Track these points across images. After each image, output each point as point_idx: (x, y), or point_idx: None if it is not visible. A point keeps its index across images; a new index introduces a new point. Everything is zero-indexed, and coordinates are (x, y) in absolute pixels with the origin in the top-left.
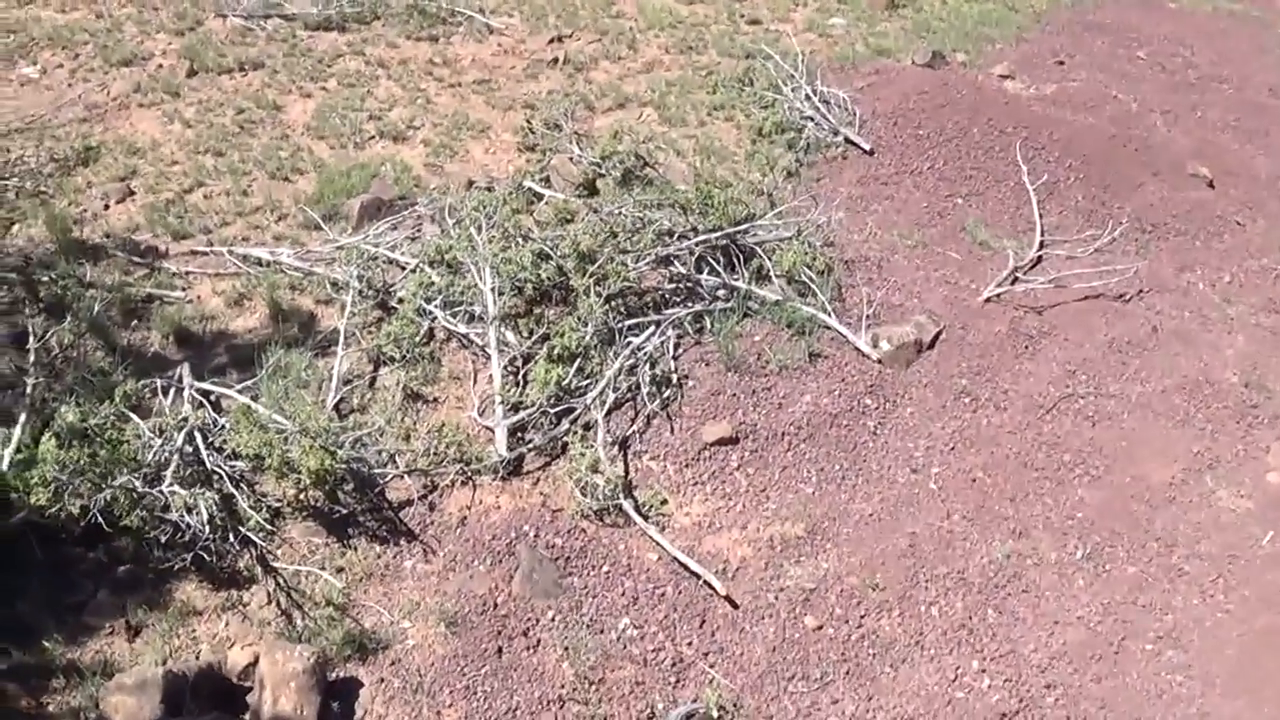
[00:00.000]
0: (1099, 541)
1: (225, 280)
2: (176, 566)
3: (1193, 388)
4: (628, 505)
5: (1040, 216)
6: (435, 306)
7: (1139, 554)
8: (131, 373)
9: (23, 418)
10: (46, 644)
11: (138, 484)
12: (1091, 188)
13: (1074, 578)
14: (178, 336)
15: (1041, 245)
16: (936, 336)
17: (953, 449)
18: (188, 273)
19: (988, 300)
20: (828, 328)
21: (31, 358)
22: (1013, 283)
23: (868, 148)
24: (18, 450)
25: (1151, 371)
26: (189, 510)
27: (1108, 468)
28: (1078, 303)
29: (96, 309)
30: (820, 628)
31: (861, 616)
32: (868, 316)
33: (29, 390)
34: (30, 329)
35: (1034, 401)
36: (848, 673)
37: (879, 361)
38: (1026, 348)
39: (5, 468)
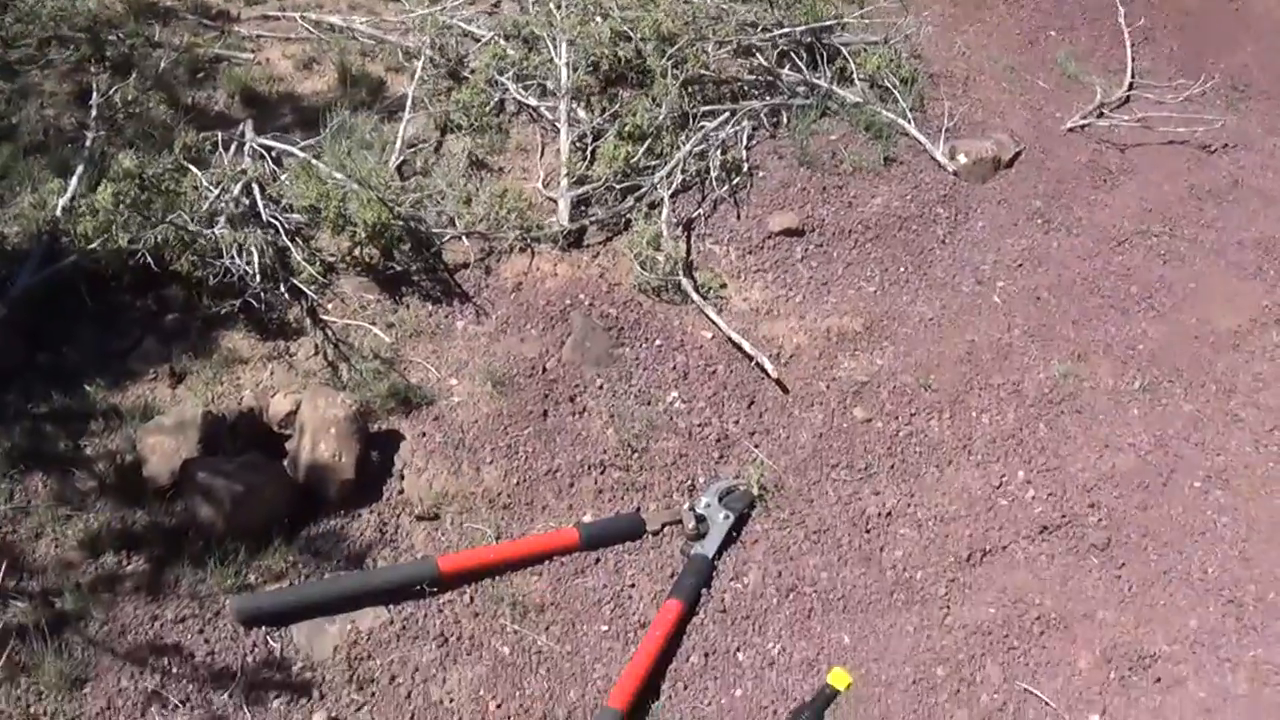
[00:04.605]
0: (1158, 375)
1: (296, 44)
2: (224, 311)
3: (1268, 244)
4: (687, 284)
5: (1133, 60)
6: (507, 79)
7: (1197, 394)
8: (194, 128)
9: (80, 169)
10: (89, 389)
11: (189, 221)
12: (1187, 40)
13: (1129, 406)
14: (244, 97)
15: (1131, 86)
16: (1016, 156)
17: (1020, 266)
18: (258, 36)
19: (1071, 129)
20: (906, 134)
21: (94, 113)
22: (1098, 116)
23: None
24: (73, 199)
25: (1228, 222)
26: (240, 251)
27: (1174, 306)
28: (1161, 146)
29: (163, 66)
30: (869, 421)
31: (912, 415)
32: (947, 129)
33: (89, 143)
34: (95, 86)
35: (1107, 232)
36: (892, 467)
37: (954, 174)
38: (1105, 181)
39: (58, 214)
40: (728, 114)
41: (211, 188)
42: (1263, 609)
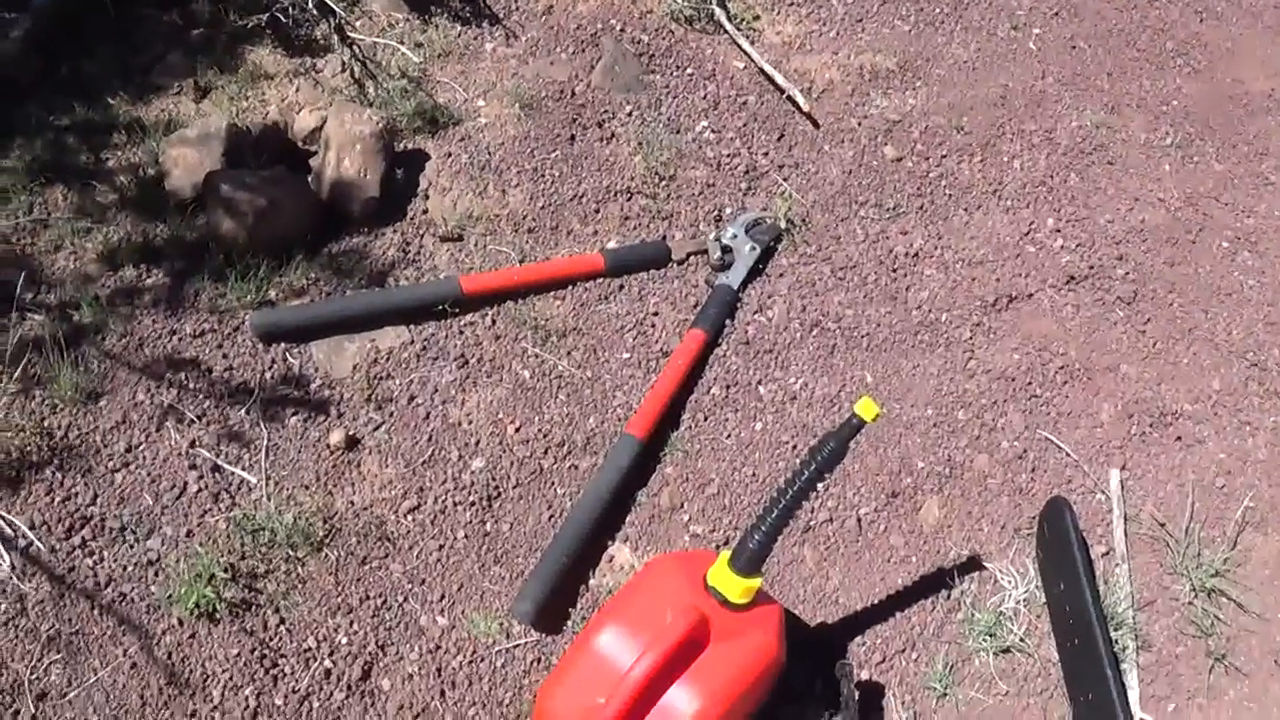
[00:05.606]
0: (1190, 132)
1: None
2: (251, 26)
3: None
4: (720, 13)
5: None
6: None
7: (1228, 154)
8: None
9: None
10: (112, 102)
11: None
12: None
13: (1160, 162)
14: None
15: None
16: None
17: (1057, 14)
18: None
19: None
20: None
21: None
22: None
23: None
24: None
25: None
26: None
27: (1209, 65)
28: None
29: None
30: (900, 160)
31: (943, 156)
32: None
33: None
34: None
35: None
36: (921, 208)
37: None
38: None
39: None
40: None
41: None
42: None
